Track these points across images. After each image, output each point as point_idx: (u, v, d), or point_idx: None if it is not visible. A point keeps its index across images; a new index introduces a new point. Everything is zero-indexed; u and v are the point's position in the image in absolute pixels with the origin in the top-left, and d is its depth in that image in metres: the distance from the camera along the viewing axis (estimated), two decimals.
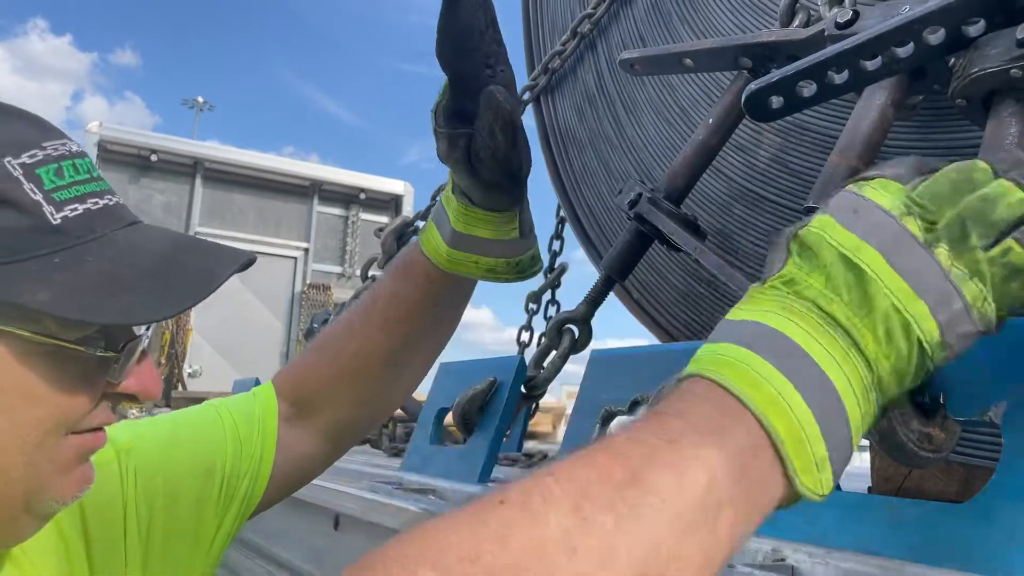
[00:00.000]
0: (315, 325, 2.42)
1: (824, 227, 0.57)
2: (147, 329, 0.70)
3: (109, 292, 0.62)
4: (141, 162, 7.73)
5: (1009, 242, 0.55)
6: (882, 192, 0.57)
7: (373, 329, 0.98)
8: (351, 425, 1.04)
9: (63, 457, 0.66)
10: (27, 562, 0.71)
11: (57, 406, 0.64)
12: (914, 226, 0.55)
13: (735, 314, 0.58)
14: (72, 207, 0.64)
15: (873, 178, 0.59)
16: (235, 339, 7.82)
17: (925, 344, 0.54)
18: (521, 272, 0.95)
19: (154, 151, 7.69)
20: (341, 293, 7.98)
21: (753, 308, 0.57)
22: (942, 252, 0.55)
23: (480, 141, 0.81)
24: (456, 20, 0.79)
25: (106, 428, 0.85)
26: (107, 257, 0.64)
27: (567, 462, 0.49)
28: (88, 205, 0.65)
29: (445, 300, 0.99)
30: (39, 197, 0.62)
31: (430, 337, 1.03)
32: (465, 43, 0.79)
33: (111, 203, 0.68)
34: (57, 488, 0.66)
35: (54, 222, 0.62)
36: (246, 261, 0.71)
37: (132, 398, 0.70)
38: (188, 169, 7.95)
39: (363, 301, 1.01)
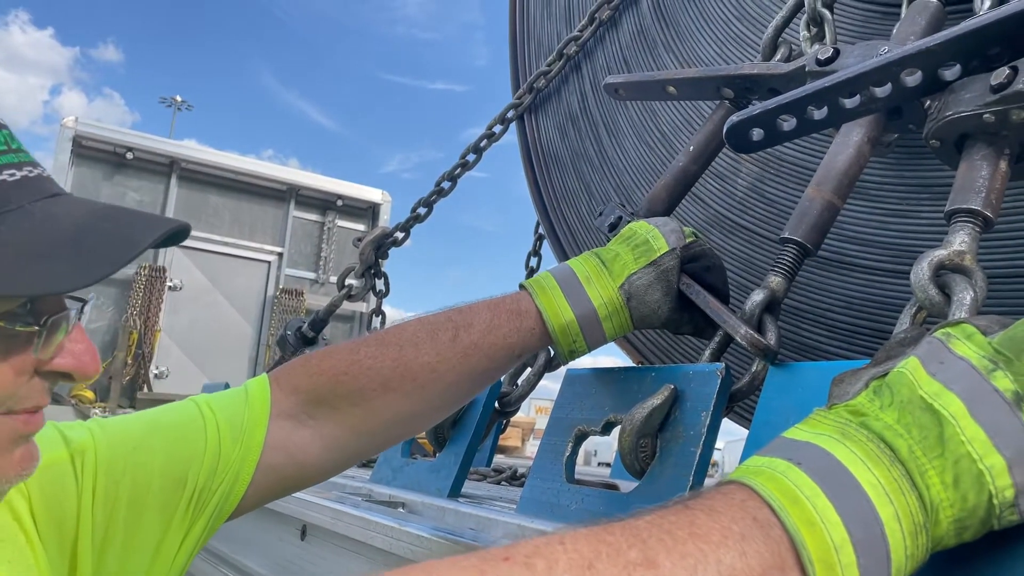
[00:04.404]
0: (288, 332, 2.40)
1: (912, 373, 0.57)
2: (82, 305, 0.68)
3: (23, 263, 0.60)
4: (116, 159, 7.63)
5: None
6: (969, 346, 0.57)
7: (455, 350, 0.97)
8: (368, 440, 0.99)
9: None
10: None
11: None
12: (1002, 382, 0.54)
13: (792, 433, 0.57)
14: None
15: (958, 323, 0.60)
16: (204, 341, 7.73)
17: (995, 500, 0.52)
18: (573, 355, 1.06)
19: (130, 149, 7.60)
20: (314, 299, 7.92)
21: (810, 430, 0.57)
22: None
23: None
24: None
25: (61, 426, 0.83)
26: (23, 229, 0.62)
27: (581, 532, 0.47)
28: (3, 177, 0.63)
29: (525, 356, 1.04)
30: None
31: (487, 379, 1.04)
32: None
33: (31, 174, 0.65)
34: None
35: None
36: (172, 230, 0.68)
37: (67, 376, 0.67)
38: (164, 168, 7.87)
39: (439, 322, 1.00)
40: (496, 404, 1.49)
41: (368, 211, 8.63)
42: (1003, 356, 0.56)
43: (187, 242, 7.99)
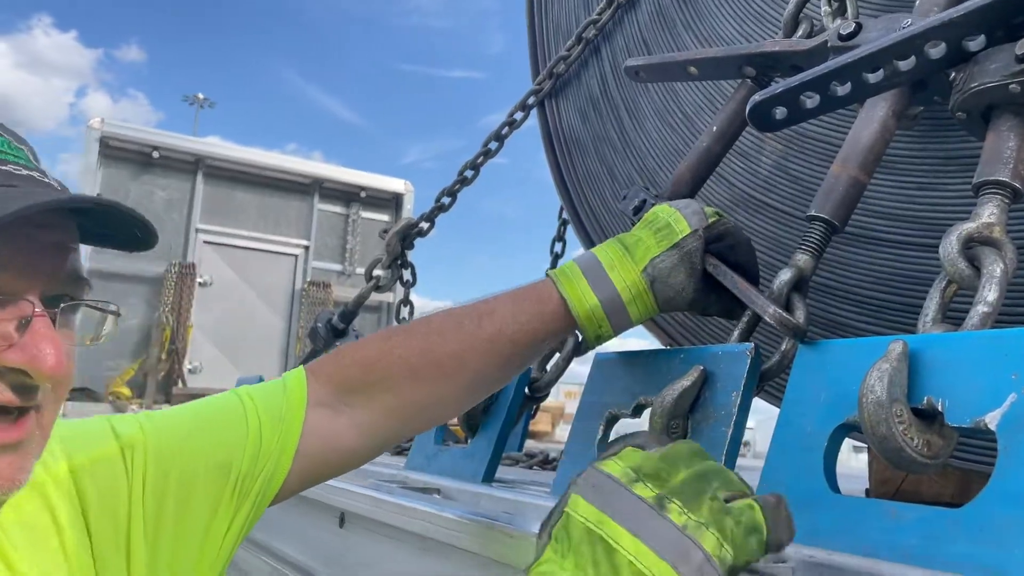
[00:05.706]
0: (318, 324, 2.43)
1: (573, 505, 0.65)
2: (62, 304, 0.65)
3: None
4: (142, 159, 7.72)
5: (750, 501, 0.65)
6: (616, 463, 0.67)
7: (479, 337, 1.00)
8: (400, 426, 1.03)
9: None
10: (11, 549, 0.71)
11: None
12: (643, 491, 0.64)
13: None
14: None
15: (619, 450, 0.69)
16: (235, 336, 7.83)
17: None
18: (600, 339, 1.07)
19: (155, 148, 7.68)
20: (341, 291, 7.98)
21: None
22: (674, 509, 0.63)
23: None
24: None
25: (111, 419, 0.86)
26: None
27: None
28: None
29: (551, 341, 1.07)
30: None
31: (513, 366, 1.07)
32: None
33: (15, 171, 0.64)
34: None
35: None
36: (62, 202, 0.63)
37: (23, 373, 0.62)
38: (189, 166, 7.95)
39: (464, 312, 1.03)
40: (526, 390, 1.50)
41: (392, 202, 8.66)
42: (648, 472, 0.66)
43: (214, 238, 8.06)
